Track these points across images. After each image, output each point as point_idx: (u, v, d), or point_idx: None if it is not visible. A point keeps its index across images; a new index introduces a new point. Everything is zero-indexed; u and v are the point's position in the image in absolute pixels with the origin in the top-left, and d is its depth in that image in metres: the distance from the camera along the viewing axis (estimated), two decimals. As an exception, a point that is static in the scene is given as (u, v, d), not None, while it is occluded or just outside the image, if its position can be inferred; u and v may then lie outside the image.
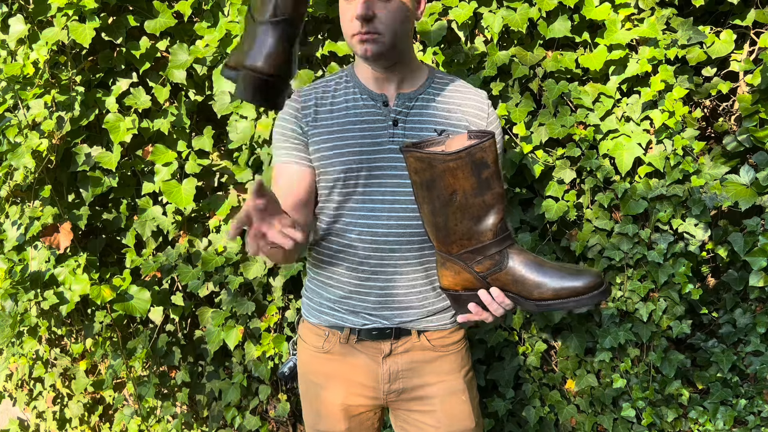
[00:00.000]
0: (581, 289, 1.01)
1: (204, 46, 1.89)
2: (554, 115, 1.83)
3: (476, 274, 1.07)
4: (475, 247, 1.05)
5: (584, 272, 1.02)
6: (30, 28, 1.96)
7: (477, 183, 1.01)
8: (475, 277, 1.08)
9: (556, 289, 1.02)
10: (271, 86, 0.89)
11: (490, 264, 1.06)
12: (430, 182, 1.02)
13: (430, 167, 1.01)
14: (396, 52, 1.21)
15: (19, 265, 2.01)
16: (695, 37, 1.72)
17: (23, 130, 1.93)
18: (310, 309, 1.37)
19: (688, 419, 1.92)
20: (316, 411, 1.37)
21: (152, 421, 2.30)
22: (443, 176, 1.01)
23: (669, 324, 1.87)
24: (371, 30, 1.15)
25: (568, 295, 1.01)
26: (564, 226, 1.93)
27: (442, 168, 1.00)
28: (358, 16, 1.13)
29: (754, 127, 1.72)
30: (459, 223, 1.04)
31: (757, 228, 1.77)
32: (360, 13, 1.12)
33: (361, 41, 1.16)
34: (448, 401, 1.31)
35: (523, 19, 1.74)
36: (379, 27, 1.15)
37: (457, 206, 1.03)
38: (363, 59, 1.22)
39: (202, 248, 2.08)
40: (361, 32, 1.15)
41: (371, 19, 1.14)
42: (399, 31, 1.18)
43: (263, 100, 0.90)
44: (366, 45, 1.16)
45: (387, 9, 1.15)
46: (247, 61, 0.89)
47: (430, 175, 1.02)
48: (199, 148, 1.99)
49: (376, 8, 1.14)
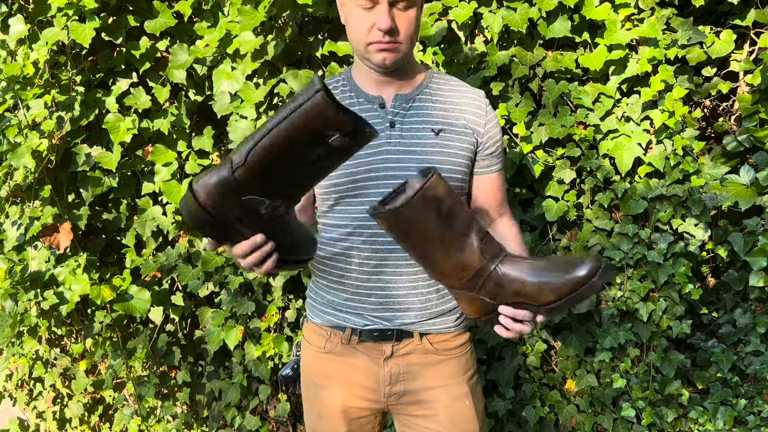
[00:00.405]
0: (585, 277, 1.00)
1: (204, 46, 1.89)
2: (554, 115, 1.83)
3: (483, 299, 1.07)
4: (471, 275, 1.06)
5: (580, 261, 1.01)
6: (30, 28, 1.96)
7: (442, 218, 1.01)
8: (483, 303, 1.08)
9: (559, 286, 1.01)
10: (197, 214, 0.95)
11: (491, 285, 1.06)
12: (404, 233, 1.04)
13: (396, 221, 1.02)
14: (407, 56, 1.23)
15: (19, 265, 2.01)
16: (695, 37, 1.72)
17: (23, 130, 1.93)
18: (314, 309, 1.37)
19: (688, 419, 1.92)
20: (316, 412, 1.37)
21: (152, 421, 2.30)
22: (411, 225, 1.02)
23: (669, 324, 1.87)
24: (393, 40, 1.16)
25: (574, 288, 1.00)
26: (564, 226, 1.93)
27: (405, 218, 1.01)
28: (383, 29, 1.13)
29: (754, 127, 1.72)
30: (447, 259, 1.05)
31: (757, 228, 1.77)
32: (387, 26, 1.13)
33: (380, 50, 1.17)
34: (451, 406, 1.30)
35: (523, 19, 1.74)
36: (399, 37, 1.17)
37: (437, 245, 1.04)
38: (378, 67, 1.21)
39: (202, 248, 2.08)
40: (382, 42, 1.16)
41: (394, 29, 1.15)
42: (414, 38, 1.21)
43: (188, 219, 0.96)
44: (385, 54, 1.17)
45: (407, 17, 1.17)
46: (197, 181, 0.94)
47: (400, 228, 1.03)
48: (199, 148, 1.99)
49: (397, 17, 1.15)
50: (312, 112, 0.88)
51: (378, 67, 1.21)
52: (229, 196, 0.94)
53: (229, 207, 0.95)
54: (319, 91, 0.86)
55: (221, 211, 0.95)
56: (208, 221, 0.95)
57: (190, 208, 0.94)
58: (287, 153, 0.92)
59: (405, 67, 1.26)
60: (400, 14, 1.15)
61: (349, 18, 1.21)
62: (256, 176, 0.93)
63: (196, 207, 0.94)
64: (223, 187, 0.93)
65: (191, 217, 0.95)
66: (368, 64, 1.23)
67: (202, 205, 0.93)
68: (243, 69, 1.88)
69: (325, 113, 0.88)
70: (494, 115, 1.31)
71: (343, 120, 0.89)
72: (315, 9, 1.77)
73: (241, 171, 0.92)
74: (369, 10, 1.15)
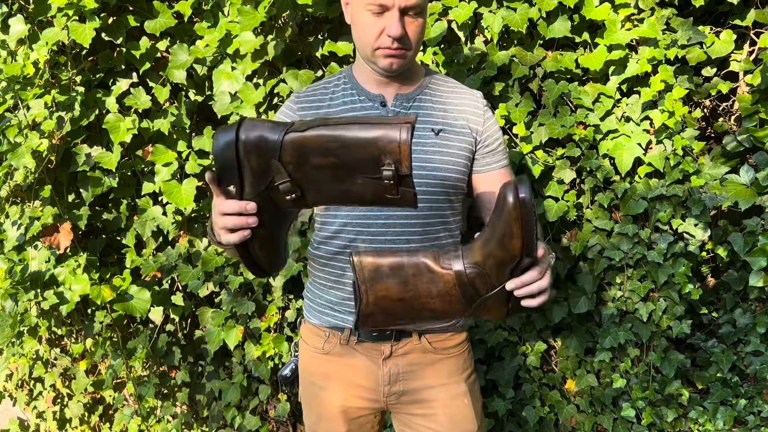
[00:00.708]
0: (514, 202, 0.94)
1: (204, 46, 1.90)
2: (554, 115, 1.84)
3: (489, 297, 1.04)
4: (459, 294, 1.04)
5: (502, 197, 0.96)
6: (30, 28, 1.96)
7: (401, 281, 1.03)
8: (494, 299, 1.05)
9: (508, 227, 0.96)
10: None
11: (477, 281, 1.03)
12: (393, 305, 1.05)
13: (376, 301, 1.05)
14: (412, 61, 1.25)
15: (19, 265, 2.01)
16: (695, 37, 1.72)
17: (23, 130, 1.93)
18: (311, 310, 1.37)
19: (688, 419, 1.92)
20: (316, 413, 1.37)
21: (152, 421, 2.30)
22: (385, 307, 1.05)
23: (669, 324, 1.87)
24: (401, 47, 1.18)
25: (517, 217, 0.94)
26: (564, 226, 1.93)
27: (375, 297, 1.04)
28: (394, 36, 1.14)
29: (754, 127, 1.72)
30: (428, 302, 1.05)
31: (757, 228, 1.77)
32: (397, 34, 1.14)
33: (387, 56, 1.18)
34: (450, 405, 1.31)
35: (523, 19, 1.74)
36: (408, 44, 1.19)
37: (412, 299, 1.04)
38: (384, 71, 1.23)
39: (202, 248, 2.08)
40: (391, 48, 1.17)
41: (404, 37, 1.17)
42: (421, 42, 1.23)
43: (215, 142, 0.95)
44: (393, 59, 1.19)
45: (416, 24, 1.18)
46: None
47: (381, 315, 1.06)
48: (199, 148, 1.99)
49: (407, 25, 1.17)
50: (392, 133, 0.89)
51: (384, 71, 1.22)
52: (265, 149, 0.92)
53: (256, 158, 0.93)
54: (410, 125, 0.89)
55: (247, 157, 0.93)
56: (231, 157, 0.93)
57: (226, 137, 0.93)
58: (339, 151, 0.91)
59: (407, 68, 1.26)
60: (410, 22, 1.17)
61: (356, 20, 1.21)
62: (298, 153, 0.92)
63: (231, 139, 0.92)
64: (265, 140, 0.92)
65: (220, 146, 0.93)
66: (373, 67, 1.24)
67: (238, 138, 0.92)
68: (243, 69, 1.89)
69: (398, 141, 0.88)
70: (492, 114, 1.33)
71: (408, 157, 0.89)
72: (315, 9, 1.77)
73: (291, 137, 0.92)
74: (379, 16, 1.16)
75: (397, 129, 0.89)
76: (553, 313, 1.95)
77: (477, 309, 1.05)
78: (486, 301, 1.04)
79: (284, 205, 0.99)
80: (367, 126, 0.91)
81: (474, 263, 1.01)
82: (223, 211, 0.97)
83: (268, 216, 1.00)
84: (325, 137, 0.91)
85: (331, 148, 0.91)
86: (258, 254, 1.03)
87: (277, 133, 0.92)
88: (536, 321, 2.01)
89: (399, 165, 0.91)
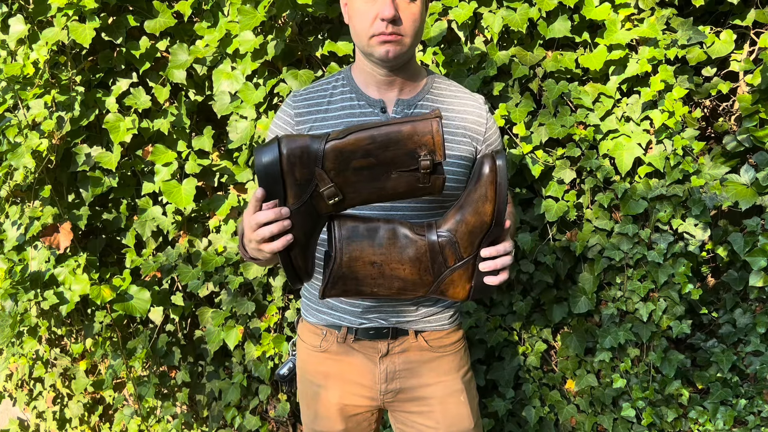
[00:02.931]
0: (490, 170, 1.03)
1: (204, 46, 1.90)
2: (554, 115, 1.84)
3: (456, 267, 1.09)
4: (430, 262, 1.09)
5: (479, 167, 1.05)
6: (30, 28, 1.96)
7: (376, 243, 1.07)
8: (461, 272, 1.10)
9: (482, 193, 1.04)
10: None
11: (449, 249, 1.08)
12: (365, 268, 1.09)
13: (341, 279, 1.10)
14: (410, 53, 1.20)
15: (19, 265, 2.01)
16: (695, 37, 1.72)
17: (23, 130, 1.93)
18: (309, 308, 1.37)
19: (688, 419, 1.92)
20: (313, 411, 1.37)
21: (152, 421, 2.30)
22: (355, 276, 1.09)
23: (669, 324, 1.87)
24: (396, 31, 1.14)
25: (492, 181, 1.03)
26: (564, 226, 1.93)
27: (349, 257, 1.08)
28: (387, 18, 1.11)
29: (754, 127, 1.72)
30: (398, 269, 1.08)
31: (757, 228, 1.77)
32: (390, 15, 1.11)
33: (383, 42, 1.14)
34: (446, 402, 1.31)
35: (523, 19, 1.74)
36: (403, 28, 1.14)
37: (384, 263, 1.08)
38: (380, 61, 1.18)
39: (202, 248, 2.08)
40: (385, 33, 1.13)
41: (397, 20, 1.13)
42: (418, 32, 1.18)
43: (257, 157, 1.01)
44: (388, 46, 1.15)
45: (411, 10, 1.15)
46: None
47: (351, 277, 1.10)
48: (199, 148, 1.99)
49: (401, 9, 1.13)
50: (422, 126, 0.99)
51: (381, 60, 1.17)
52: (308, 160, 0.99)
53: (300, 169, 0.99)
54: (439, 118, 0.99)
55: (291, 169, 0.99)
56: (275, 172, 0.99)
57: (269, 154, 0.98)
58: (376, 151, 1.00)
59: (407, 68, 1.24)
60: (404, 6, 1.14)
61: (352, 12, 1.18)
62: (339, 159, 1.00)
63: (275, 154, 0.98)
64: (308, 151, 0.99)
65: (264, 163, 0.99)
66: (371, 59, 1.20)
67: (281, 152, 0.98)
68: (243, 69, 1.89)
69: (431, 132, 0.99)
70: (493, 120, 1.32)
71: (441, 146, 0.99)
72: (315, 9, 1.77)
73: (332, 145, 0.99)
74: (372, 2, 1.14)
75: (427, 122, 0.99)
76: (553, 313, 1.95)
77: (442, 283, 1.10)
78: (452, 273, 1.09)
79: (326, 210, 1.04)
80: (398, 125, 1.00)
81: (447, 230, 1.07)
82: (260, 221, 1.00)
83: (307, 224, 1.05)
84: (362, 140, 0.99)
85: (370, 149, 1.00)
86: (298, 262, 1.07)
87: (317, 143, 1.00)
88: (536, 321, 2.01)
89: (434, 155, 1.00)
